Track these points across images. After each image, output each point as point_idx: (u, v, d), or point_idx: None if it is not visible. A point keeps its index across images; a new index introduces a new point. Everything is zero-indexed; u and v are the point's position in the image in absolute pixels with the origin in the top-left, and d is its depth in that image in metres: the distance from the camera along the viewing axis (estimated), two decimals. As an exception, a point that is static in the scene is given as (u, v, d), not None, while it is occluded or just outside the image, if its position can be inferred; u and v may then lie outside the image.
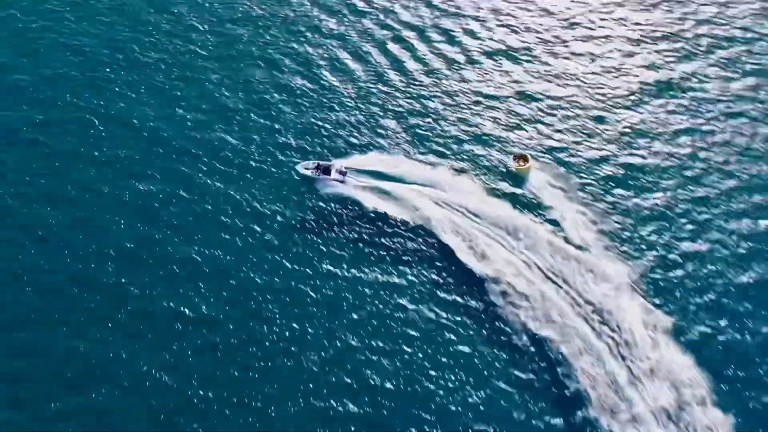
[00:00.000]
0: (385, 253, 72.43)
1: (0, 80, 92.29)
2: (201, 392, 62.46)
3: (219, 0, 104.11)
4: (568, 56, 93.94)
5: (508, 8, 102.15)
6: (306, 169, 78.09)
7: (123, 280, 70.29)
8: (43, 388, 62.94)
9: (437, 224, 72.80)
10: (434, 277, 70.85)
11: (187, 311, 68.15)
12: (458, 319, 67.32)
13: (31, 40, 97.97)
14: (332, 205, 76.79)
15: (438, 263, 71.60)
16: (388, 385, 63.11)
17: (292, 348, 65.53)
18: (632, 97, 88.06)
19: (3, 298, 68.95)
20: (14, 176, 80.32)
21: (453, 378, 63.51)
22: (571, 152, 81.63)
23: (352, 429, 60.47)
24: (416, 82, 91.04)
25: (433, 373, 63.92)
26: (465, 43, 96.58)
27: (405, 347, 65.56)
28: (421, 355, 65.04)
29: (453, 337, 66.10)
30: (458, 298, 68.89)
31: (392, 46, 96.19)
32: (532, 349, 64.30)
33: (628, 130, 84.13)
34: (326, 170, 77.64)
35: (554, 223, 73.57)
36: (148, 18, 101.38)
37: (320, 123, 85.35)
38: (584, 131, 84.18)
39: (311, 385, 63.17)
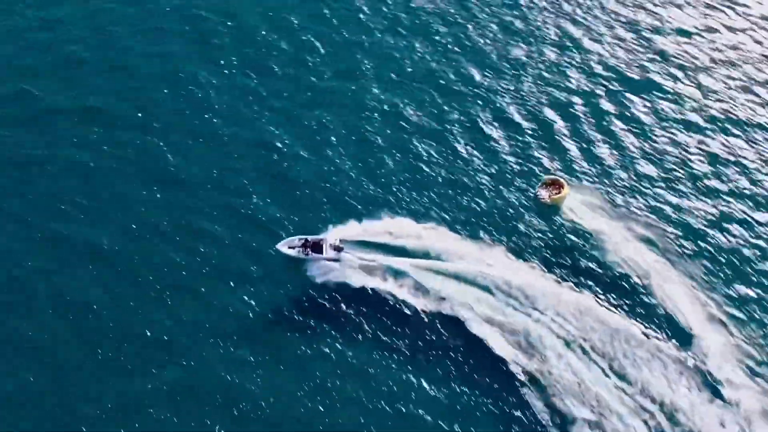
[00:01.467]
0: (399, 358, 59.57)
1: (60, 55, 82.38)
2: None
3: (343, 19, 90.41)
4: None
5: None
6: (290, 248, 64.56)
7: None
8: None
9: (484, 332, 58.84)
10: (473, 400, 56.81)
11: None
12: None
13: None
14: (326, 293, 63.03)
15: (477, 377, 57.86)
16: None
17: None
18: None
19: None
20: (54, 187, 70.55)
21: None
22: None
23: None
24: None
25: None
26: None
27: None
28: None
29: None
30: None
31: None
32: None
33: None
34: (317, 247, 64.19)
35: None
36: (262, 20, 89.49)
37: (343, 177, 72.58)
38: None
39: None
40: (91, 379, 57.74)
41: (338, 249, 63.57)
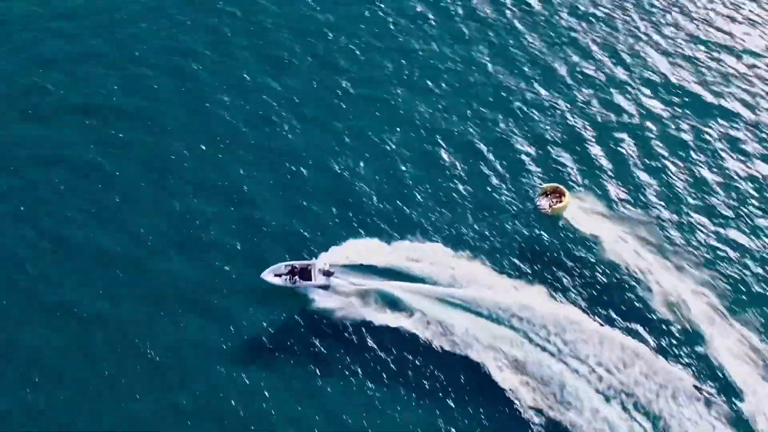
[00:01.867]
0: (419, 399, 55.63)
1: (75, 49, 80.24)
2: None
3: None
4: None
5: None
6: (276, 276, 60.68)
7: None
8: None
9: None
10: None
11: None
12: None
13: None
14: (345, 320, 59.22)
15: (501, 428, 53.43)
16: None
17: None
18: None
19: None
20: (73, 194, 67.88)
21: None
22: None
23: None
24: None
25: None
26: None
27: None
28: None
29: None
30: None
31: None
32: None
33: None
34: (305, 273, 60.35)
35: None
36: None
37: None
38: None
39: None
40: (93, 397, 55.21)
41: (328, 274, 60.10)
